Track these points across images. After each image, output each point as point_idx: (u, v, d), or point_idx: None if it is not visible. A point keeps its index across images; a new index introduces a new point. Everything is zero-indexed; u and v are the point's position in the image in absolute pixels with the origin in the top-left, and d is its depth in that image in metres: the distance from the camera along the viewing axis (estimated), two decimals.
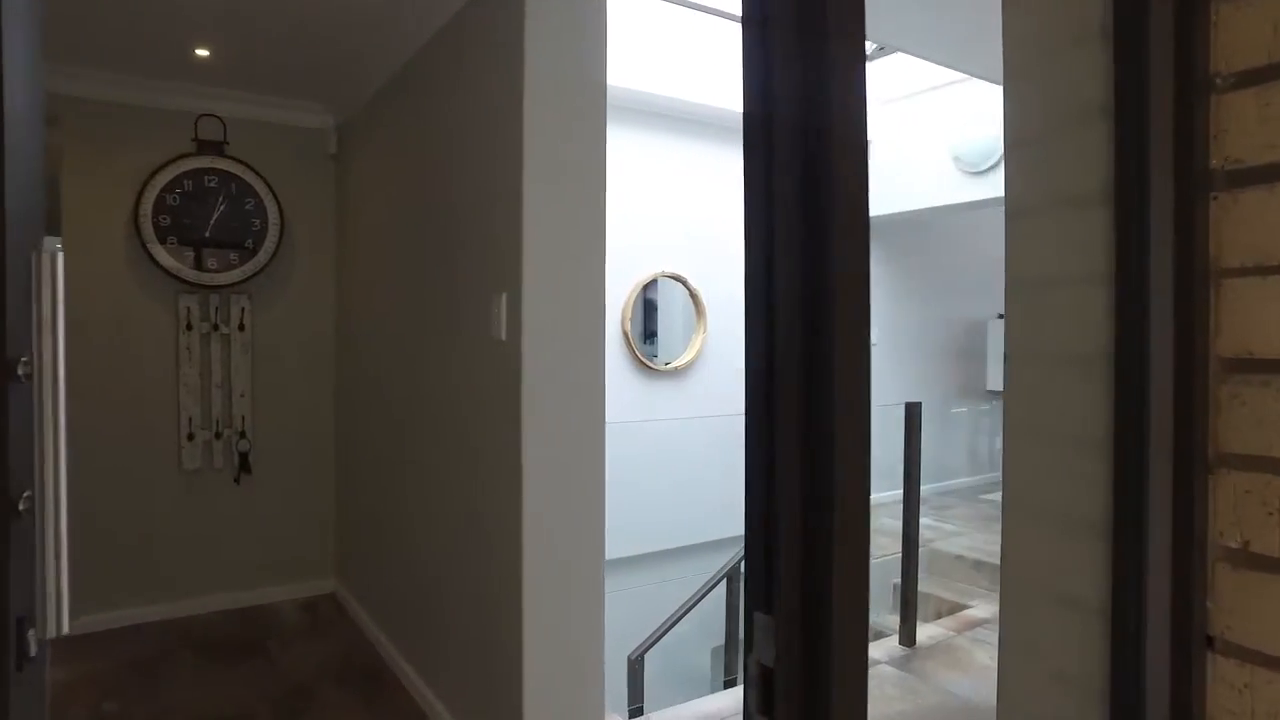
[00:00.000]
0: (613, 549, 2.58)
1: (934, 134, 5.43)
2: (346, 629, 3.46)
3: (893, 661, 3.27)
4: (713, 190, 5.39)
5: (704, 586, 4.11)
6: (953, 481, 6.89)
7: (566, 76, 2.07)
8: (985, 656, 3.30)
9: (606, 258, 2.19)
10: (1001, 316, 5.36)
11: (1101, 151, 0.94)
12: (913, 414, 3.48)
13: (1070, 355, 1.00)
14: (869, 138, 4.17)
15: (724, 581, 4.17)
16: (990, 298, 7.27)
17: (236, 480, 3.60)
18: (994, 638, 3.44)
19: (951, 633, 3.59)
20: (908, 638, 3.44)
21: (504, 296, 2.07)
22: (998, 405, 7.30)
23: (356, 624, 3.50)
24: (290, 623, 3.54)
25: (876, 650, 3.40)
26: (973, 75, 3.89)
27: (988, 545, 5.12)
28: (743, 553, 3.53)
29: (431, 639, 2.75)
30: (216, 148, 3.44)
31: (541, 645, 2.02)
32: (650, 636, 3.91)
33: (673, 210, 5.20)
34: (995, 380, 7.04)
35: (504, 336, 2.07)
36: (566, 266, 2.07)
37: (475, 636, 2.33)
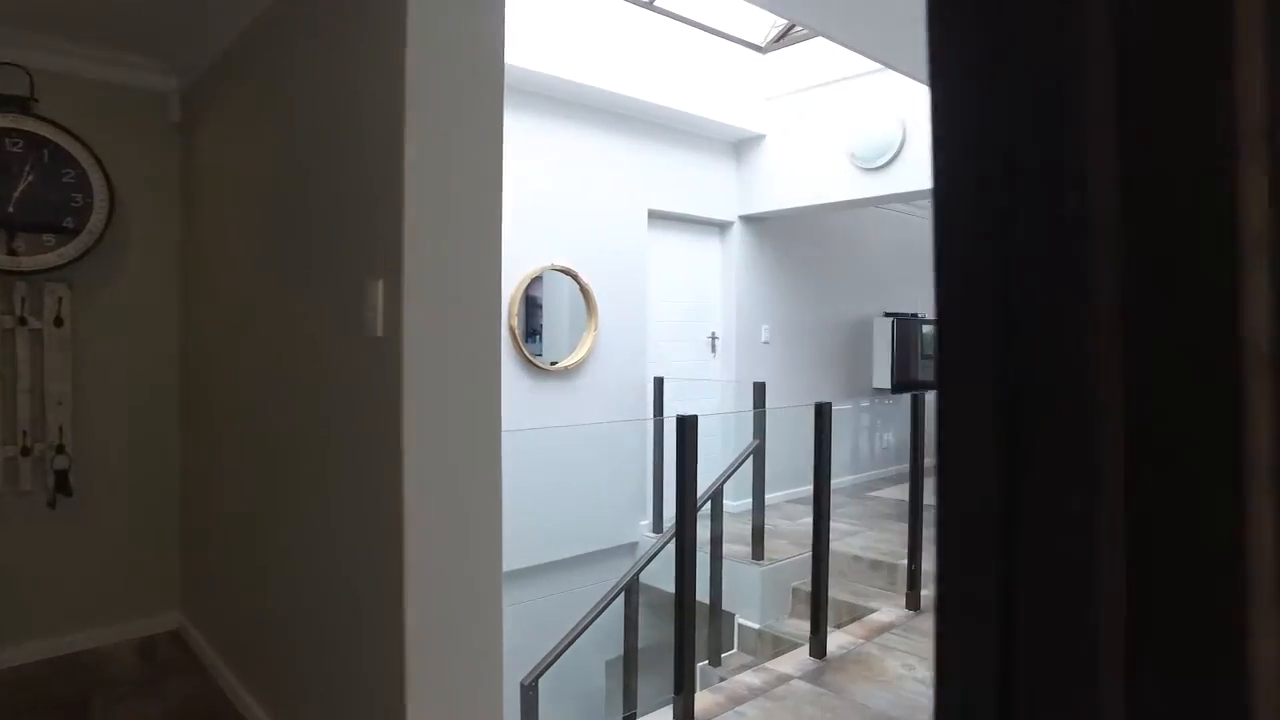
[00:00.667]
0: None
1: (830, 129, 5.36)
2: (191, 673, 2.98)
3: (806, 676, 3.10)
4: (604, 179, 5.11)
5: (602, 601, 3.84)
6: (841, 480, 6.89)
7: (456, 27, 1.75)
8: (898, 665, 3.18)
9: (503, 240, 1.87)
10: (888, 315, 5.37)
11: None
12: (823, 414, 3.32)
13: None
14: (763, 132, 4.00)
15: (622, 595, 3.90)
16: (877, 296, 7.33)
17: (51, 504, 3.02)
18: (904, 644, 3.31)
19: (860, 640, 3.46)
20: (818, 649, 3.28)
21: (380, 284, 1.72)
22: (883, 402, 7.44)
23: (202, 665, 3.02)
24: (122, 670, 3.02)
25: (787, 664, 3.22)
26: (897, 69, 3.77)
27: (882, 544, 5.09)
28: (643, 563, 3.25)
29: (294, 679, 2.35)
30: (20, 104, 2.87)
31: (429, 683, 1.69)
32: (545, 659, 3.60)
33: (561, 200, 4.89)
34: (881, 377, 7.10)
35: (380, 332, 1.72)
36: (457, 247, 1.75)
37: (348, 675, 1.97)
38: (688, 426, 2.76)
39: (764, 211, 5.82)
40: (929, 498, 4.45)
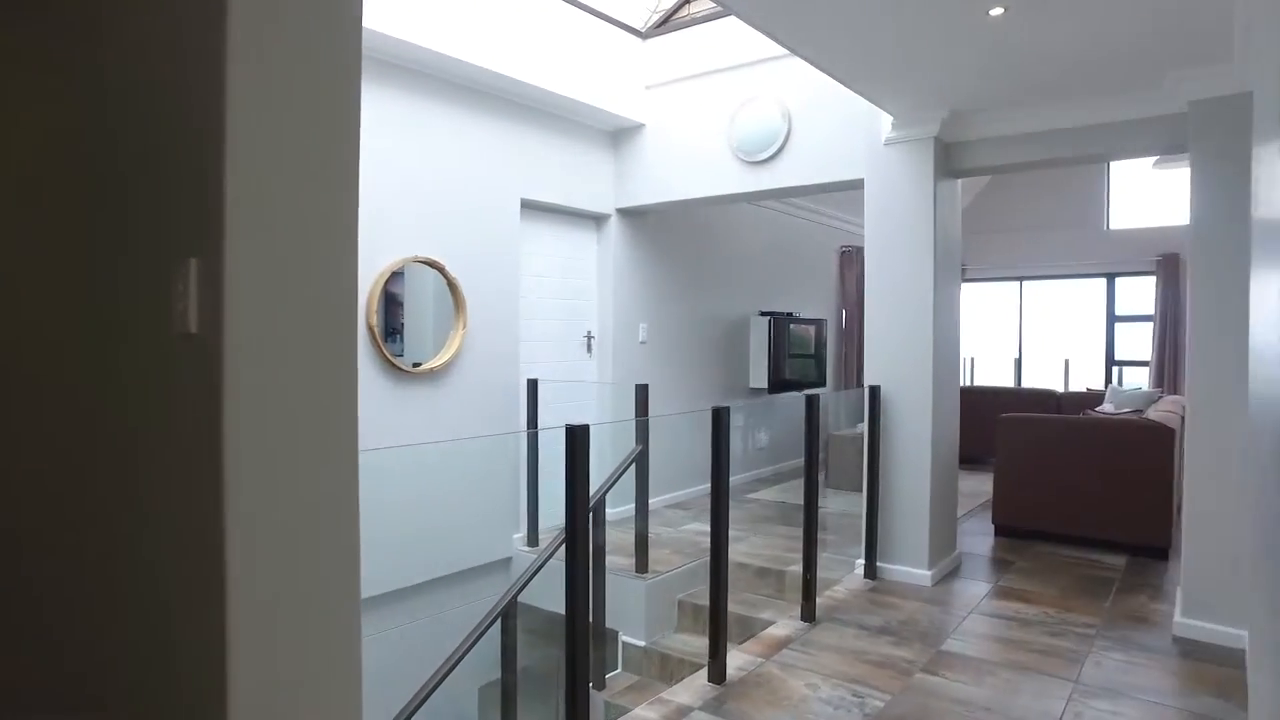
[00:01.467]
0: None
1: (712, 120, 5.15)
2: None
3: (707, 706, 2.84)
4: (474, 164, 4.69)
5: (475, 630, 3.44)
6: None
7: None
8: (801, 685, 2.98)
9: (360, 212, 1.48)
10: (764, 314, 5.12)
11: None
12: (720, 418, 3.07)
13: None
14: (642, 121, 3.67)
15: (499, 619, 3.51)
16: (753, 295, 7.24)
17: None
18: (804, 661, 3.09)
19: (759, 658, 3.24)
20: (717, 673, 3.03)
21: (193, 264, 1.30)
22: (759, 403, 7.37)
23: None
24: None
25: (684, 693, 2.95)
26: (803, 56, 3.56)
27: (766, 549, 4.93)
28: (520, 585, 2.89)
29: None
30: None
31: None
32: (414, 700, 3.17)
33: (426, 185, 4.43)
34: (758, 378, 7.00)
35: (194, 327, 1.29)
36: (300, 220, 1.35)
37: None
38: (577, 439, 2.43)
39: (643, 204, 5.56)
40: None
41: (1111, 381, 9.96)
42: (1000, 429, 5.16)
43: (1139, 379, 9.89)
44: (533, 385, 4.88)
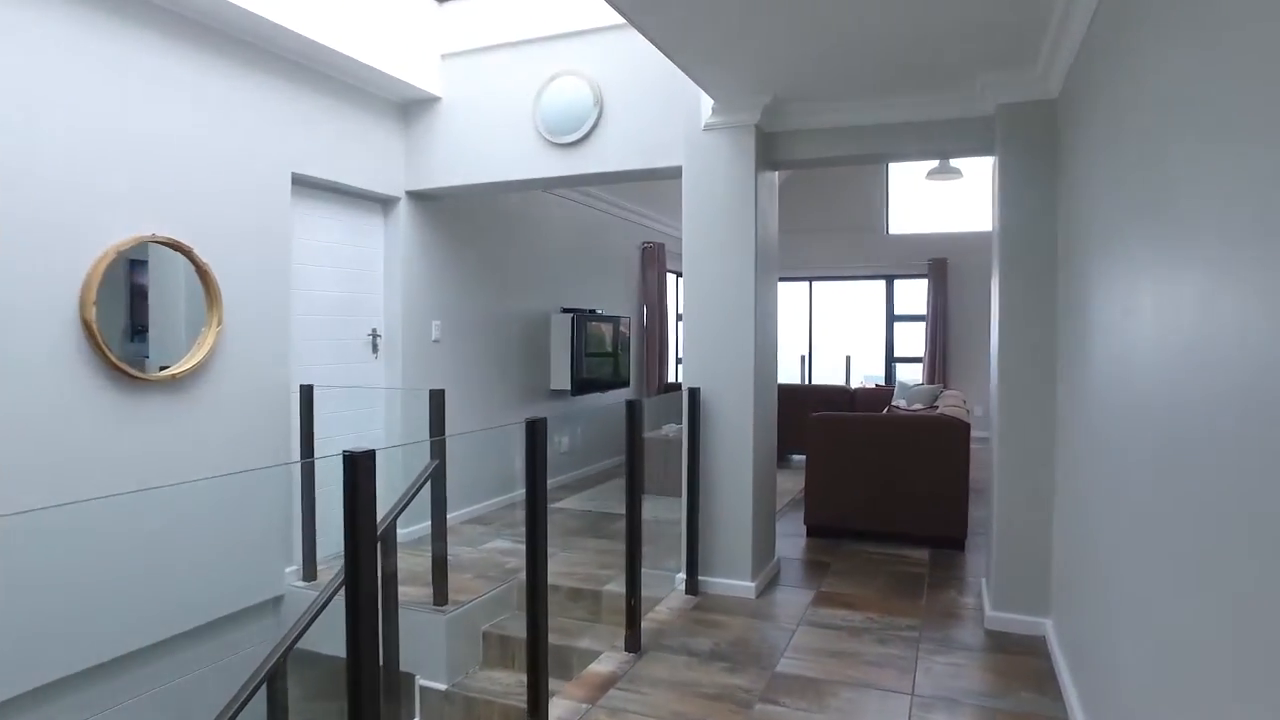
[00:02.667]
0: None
1: (516, 96, 4.68)
2: None
3: None
4: (233, 128, 3.91)
5: (240, 693, 2.74)
6: (513, 494, 6.26)
7: None
8: None
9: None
10: (567, 311, 4.67)
11: None
12: (536, 433, 2.62)
13: None
14: (438, 94, 3.09)
15: (264, 685, 2.84)
16: (555, 290, 6.83)
17: None
18: (635, 703, 2.70)
19: (584, 704, 2.83)
20: None
21: None
22: (560, 406, 6.97)
23: None
24: None
25: None
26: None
27: (578, 567, 4.54)
28: (292, 640, 2.28)
29: None
30: None
31: None
32: None
33: (171, 148, 3.61)
34: (560, 379, 6.61)
35: None
36: None
37: None
38: (360, 469, 1.89)
39: (436, 187, 4.97)
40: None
41: (894, 377, 10.58)
42: (811, 429, 5.12)
43: (914, 374, 10.58)
44: (307, 392, 4.15)
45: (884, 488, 4.88)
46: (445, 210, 5.37)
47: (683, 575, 4.02)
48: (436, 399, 3.78)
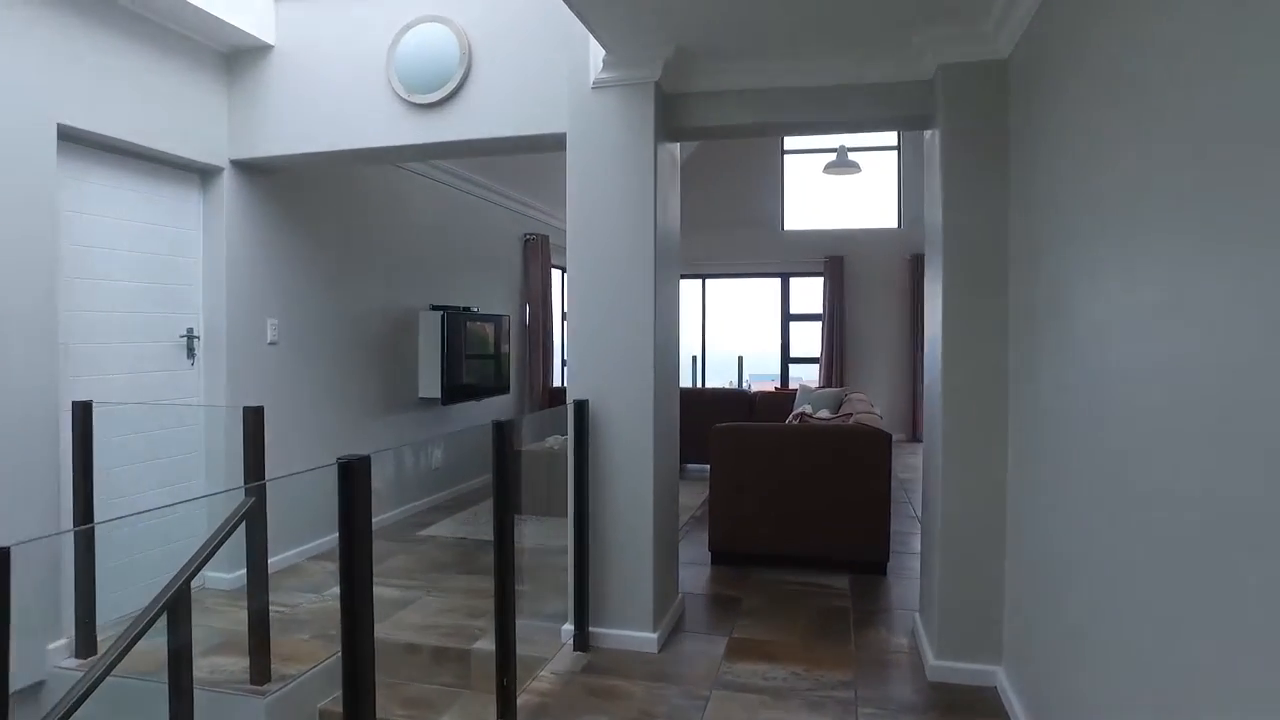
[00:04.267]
0: None
1: (367, 46, 3.85)
2: None
3: None
4: None
5: None
6: (382, 517, 5.41)
7: None
8: None
9: None
10: (437, 309, 3.79)
11: None
12: (353, 476, 1.86)
13: None
14: (270, 41, 2.12)
15: None
16: (424, 285, 5.98)
17: None
18: None
19: None
20: None
21: None
22: (429, 417, 6.12)
23: None
24: None
25: None
26: None
27: (445, 615, 3.77)
28: None
29: None
30: None
31: None
32: None
33: None
34: (429, 385, 5.78)
35: None
36: None
37: None
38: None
39: (270, 156, 4.08)
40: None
41: (789, 378, 10.19)
42: (715, 441, 4.51)
43: (809, 374, 10.24)
44: (82, 411, 3.20)
45: (797, 507, 4.32)
46: (283, 186, 4.46)
47: (570, 627, 3.32)
48: (252, 419, 2.93)
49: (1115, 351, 1.83)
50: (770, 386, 10.82)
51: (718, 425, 4.53)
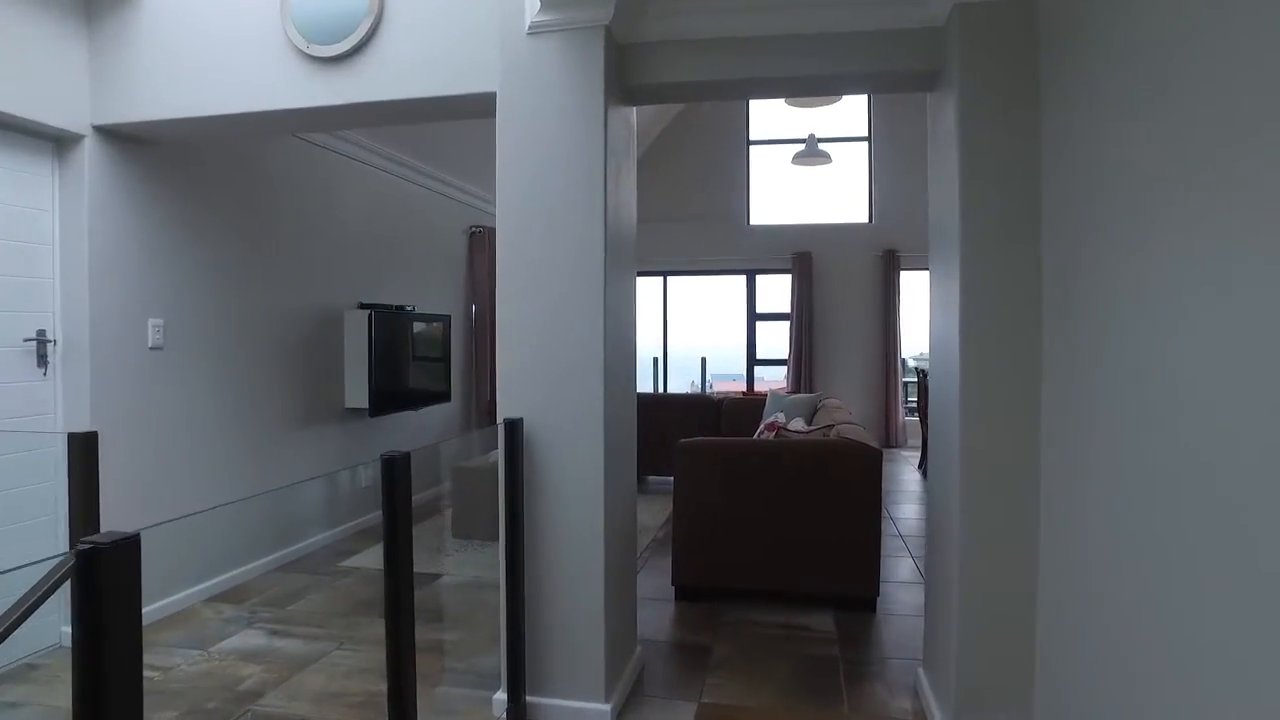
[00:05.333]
0: None
1: None
2: None
3: None
4: None
5: None
6: (295, 547, 4.73)
7: None
8: None
9: None
10: (366, 307, 2.98)
11: None
12: (94, 572, 1.21)
13: None
14: None
15: None
16: (351, 280, 5.30)
17: None
18: None
19: None
20: None
21: None
22: (358, 430, 5.42)
23: None
24: None
25: None
26: None
27: (353, 680, 3.11)
28: None
29: None
30: None
31: None
32: None
33: None
34: (356, 394, 5.10)
35: None
36: None
37: None
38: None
39: (143, 122, 3.38)
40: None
41: (755, 380, 9.66)
42: (678, 458, 3.91)
43: (775, 375, 9.73)
44: None
45: (774, 535, 3.75)
46: (170, 161, 3.77)
47: (503, 696, 2.69)
48: (81, 450, 2.25)
49: (1204, 351, 1.27)
50: (733, 387, 10.30)
51: (682, 441, 3.93)
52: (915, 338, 9.59)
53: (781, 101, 9.36)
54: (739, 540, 3.79)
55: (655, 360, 10.07)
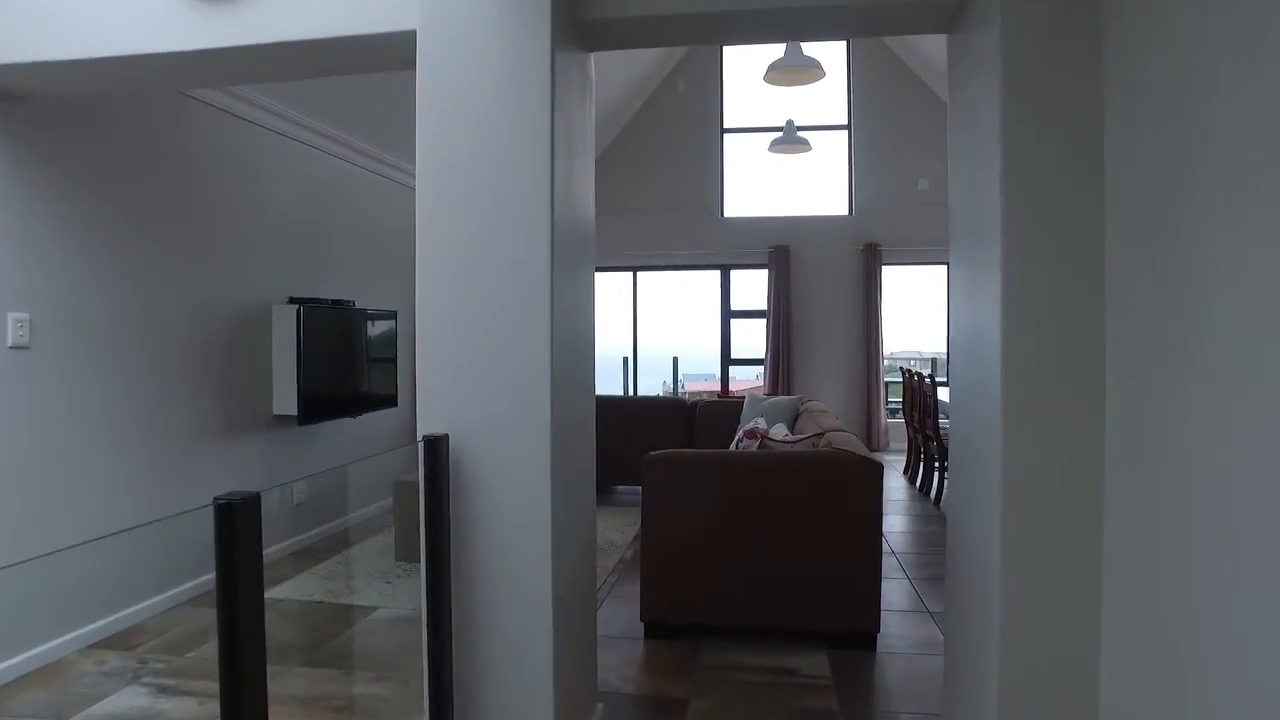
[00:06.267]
0: None
1: None
2: None
3: None
4: None
5: None
6: (208, 576, 4.10)
7: None
8: None
9: None
10: (297, 301, 2.38)
11: None
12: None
13: None
14: None
15: None
16: (279, 270, 4.70)
17: None
18: None
19: None
20: None
21: None
22: (287, 440, 4.79)
23: None
24: None
25: None
26: None
27: None
28: None
29: None
30: None
31: None
32: None
33: None
34: (284, 401, 4.52)
35: None
36: None
37: None
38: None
39: (9, 63, 2.77)
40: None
41: (729, 381, 9.17)
42: (648, 473, 3.38)
43: (752, 376, 9.25)
44: None
45: (760, 561, 3.23)
46: (35, 122, 3.16)
47: None
48: None
49: None
50: (706, 387, 9.81)
51: (651, 454, 3.39)
52: (898, 336, 9.16)
53: (757, 85, 8.88)
54: (718, 568, 3.27)
55: (625, 360, 9.55)
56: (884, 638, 3.31)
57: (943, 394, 6.32)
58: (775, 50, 5.86)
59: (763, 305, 8.83)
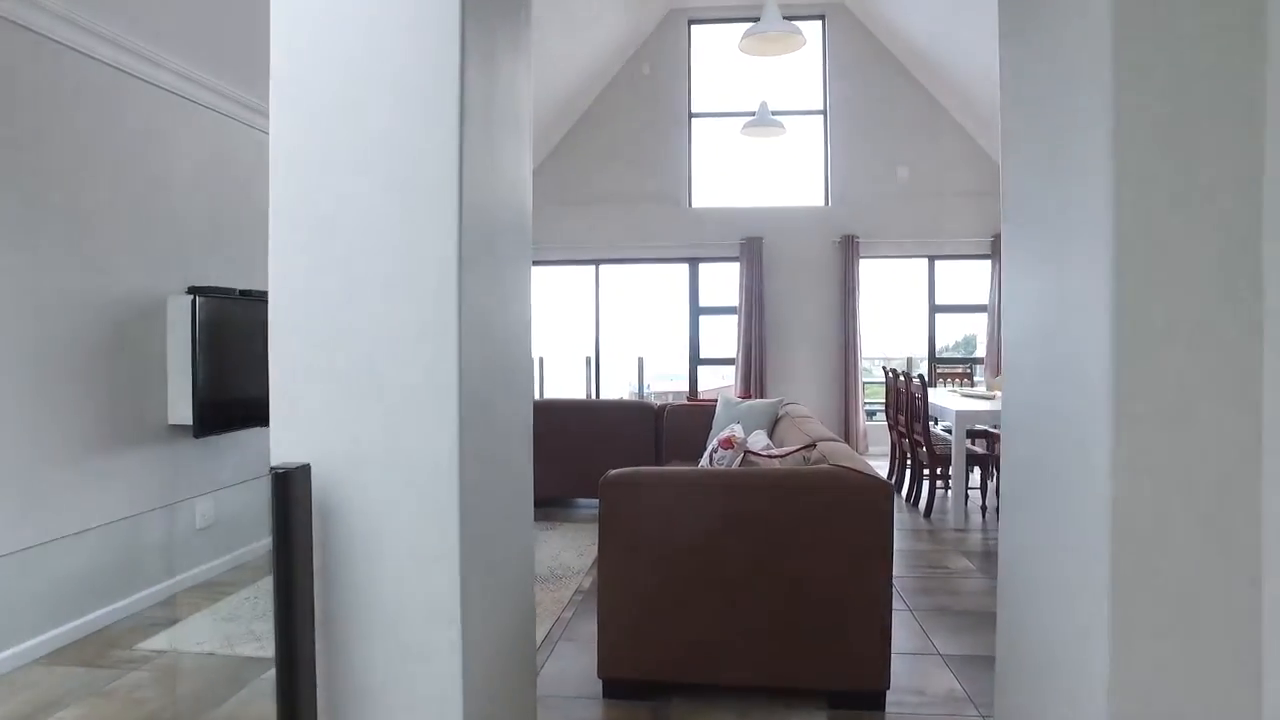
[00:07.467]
0: None
1: None
2: None
3: None
4: None
5: None
6: (74, 623, 3.45)
7: None
8: None
9: None
10: (192, 291, 1.37)
11: None
12: None
13: None
14: None
15: None
16: (174, 255, 4.00)
17: None
18: None
19: None
20: None
21: None
22: (182, 455, 4.03)
23: None
24: None
25: None
26: None
27: None
28: None
29: None
30: None
31: None
32: None
33: None
34: (180, 408, 3.83)
35: None
36: None
37: None
38: None
39: None
40: None
41: (698, 383, 8.59)
42: (606, 497, 2.76)
43: (722, 377, 8.69)
44: None
45: (742, 604, 2.64)
46: None
47: None
48: None
49: None
50: (673, 387, 9.23)
51: (609, 474, 2.78)
52: (876, 333, 8.66)
53: (727, 67, 8.32)
54: (692, 613, 2.67)
55: (589, 360, 8.94)
56: (893, 692, 2.74)
57: (934, 397, 5.80)
58: (745, 30, 5.28)
59: (734, 301, 8.27)
